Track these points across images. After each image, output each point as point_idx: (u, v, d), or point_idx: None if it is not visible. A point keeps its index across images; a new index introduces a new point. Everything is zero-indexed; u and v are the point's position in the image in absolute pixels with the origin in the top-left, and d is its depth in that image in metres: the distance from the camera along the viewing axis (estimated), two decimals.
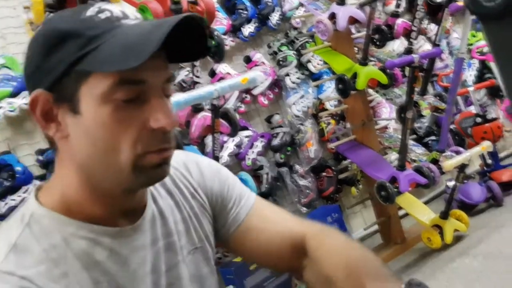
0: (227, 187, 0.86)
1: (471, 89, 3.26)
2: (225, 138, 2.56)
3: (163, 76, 0.66)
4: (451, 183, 3.03)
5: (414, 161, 2.92)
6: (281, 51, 2.95)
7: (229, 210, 0.85)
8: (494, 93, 3.67)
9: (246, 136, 2.77)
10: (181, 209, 0.80)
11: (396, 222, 2.92)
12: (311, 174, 2.99)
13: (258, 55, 2.87)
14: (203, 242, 0.82)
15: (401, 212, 3.01)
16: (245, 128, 2.78)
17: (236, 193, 0.86)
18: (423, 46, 3.36)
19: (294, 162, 2.99)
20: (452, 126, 3.20)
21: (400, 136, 2.70)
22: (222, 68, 2.68)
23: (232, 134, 2.43)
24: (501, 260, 2.45)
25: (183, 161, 0.83)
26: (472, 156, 2.81)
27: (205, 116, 2.42)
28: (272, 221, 0.85)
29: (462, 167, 2.81)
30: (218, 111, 2.07)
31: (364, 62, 2.49)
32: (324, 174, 3.02)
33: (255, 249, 0.85)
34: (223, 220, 0.85)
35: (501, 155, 3.51)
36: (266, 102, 2.91)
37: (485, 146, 2.79)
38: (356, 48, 2.74)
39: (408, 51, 2.58)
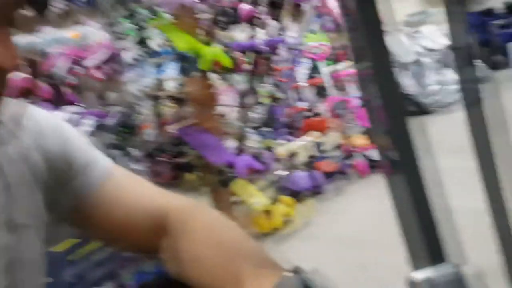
0: (72, 149, 0.68)
1: (303, 84, 3.49)
2: (46, 109, 2.25)
3: None
4: (281, 172, 3.20)
5: (251, 147, 2.98)
6: (120, 23, 2.74)
7: (76, 177, 0.67)
8: (321, 91, 4.00)
9: (75, 113, 2.49)
10: (3, 175, 0.61)
11: (230, 207, 2.94)
12: (147, 158, 2.84)
13: (93, 24, 2.61)
14: (31, 218, 0.64)
15: (235, 198, 3.05)
16: (73, 103, 2.50)
17: (85, 157, 0.68)
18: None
19: (129, 145, 2.80)
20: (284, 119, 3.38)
21: (238, 123, 2.74)
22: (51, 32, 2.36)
23: (56, 103, 2.14)
24: (324, 243, 2.65)
25: (12, 113, 0.62)
26: (302, 145, 2.99)
27: (21, 76, 2.06)
28: (130, 192, 0.70)
29: (292, 156, 2.98)
30: (38, 70, 1.77)
31: (208, 42, 2.44)
32: (161, 158, 2.90)
33: (108, 224, 0.68)
34: (68, 189, 0.67)
35: (324, 147, 3.83)
36: (100, 76, 2.66)
37: (314, 136, 3.00)
38: (201, 31, 2.68)
39: (251, 37, 2.62)
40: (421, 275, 0.72)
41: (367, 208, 3.00)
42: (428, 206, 0.76)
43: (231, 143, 2.85)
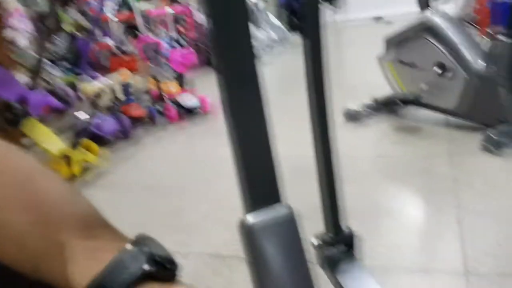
0: None
1: (111, 19, 3.17)
2: None
3: None
4: (82, 114, 2.90)
5: (48, 83, 2.59)
6: None
7: None
8: (131, 30, 3.72)
9: None
10: None
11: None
12: None
13: None
14: None
15: (26, 141, 2.65)
16: None
17: None
18: None
19: None
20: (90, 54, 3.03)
21: (33, 53, 2.33)
22: None
23: None
24: (128, 190, 2.51)
25: None
26: (109, 85, 2.74)
27: None
28: None
29: (97, 96, 2.70)
30: None
31: None
32: None
33: None
34: None
35: (133, 90, 3.60)
36: None
37: (122, 77, 2.77)
38: None
39: None
40: (255, 217, 0.67)
41: (175, 155, 2.95)
42: (269, 149, 0.71)
43: (23, 76, 2.43)
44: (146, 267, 0.38)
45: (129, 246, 0.40)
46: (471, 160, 2.20)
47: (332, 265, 1.02)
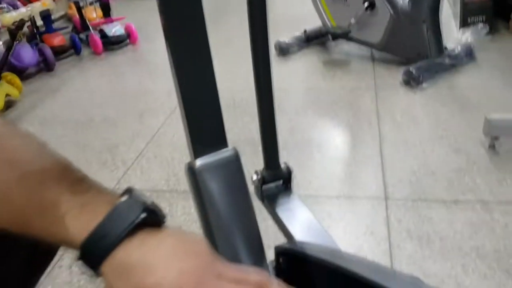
0: None
1: None
2: None
3: None
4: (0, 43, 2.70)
5: None
6: None
7: None
8: None
9: None
10: None
11: None
12: None
13: None
14: None
15: None
16: None
17: None
18: None
19: None
20: None
21: None
22: None
23: None
24: (57, 124, 2.43)
25: None
26: (27, 13, 2.54)
27: None
28: None
29: (15, 25, 2.51)
30: None
31: None
32: None
33: None
34: None
35: (54, 18, 3.37)
36: None
37: (46, 2, 2.58)
38: None
39: None
40: (202, 161, 0.72)
41: (103, 89, 2.86)
42: (215, 95, 0.73)
43: None
44: (143, 215, 0.42)
45: (124, 198, 0.43)
46: (393, 93, 2.36)
47: (270, 199, 1.10)
